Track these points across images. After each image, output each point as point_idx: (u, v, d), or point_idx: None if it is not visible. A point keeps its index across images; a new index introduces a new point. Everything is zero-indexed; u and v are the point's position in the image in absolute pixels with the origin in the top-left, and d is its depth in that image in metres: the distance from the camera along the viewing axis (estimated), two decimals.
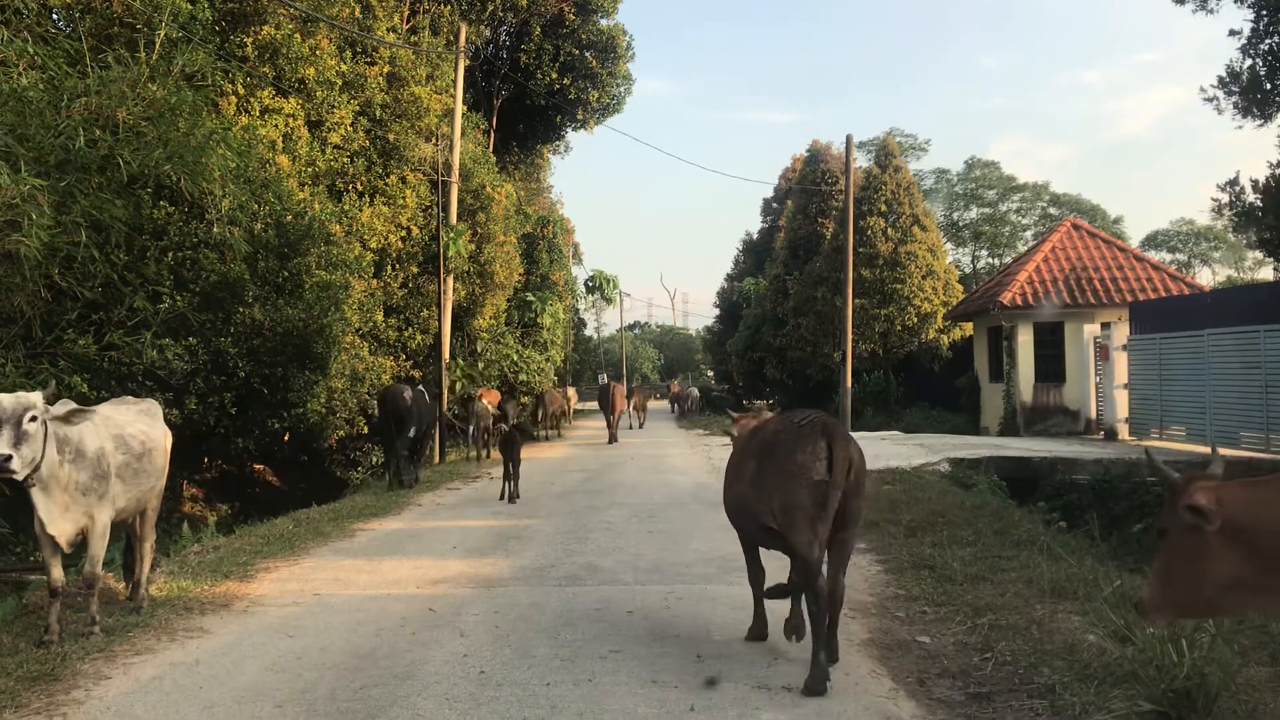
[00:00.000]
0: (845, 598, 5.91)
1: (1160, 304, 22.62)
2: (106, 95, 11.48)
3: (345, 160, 20.42)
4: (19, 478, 6.06)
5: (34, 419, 6.07)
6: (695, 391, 49.05)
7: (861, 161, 40.89)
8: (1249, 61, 19.22)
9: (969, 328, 31.61)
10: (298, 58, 18.71)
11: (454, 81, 23.89)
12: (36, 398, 6.19)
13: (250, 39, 18.26)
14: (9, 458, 5.90)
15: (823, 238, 38.42)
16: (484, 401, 22.04)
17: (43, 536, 6.49)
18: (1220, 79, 19.67)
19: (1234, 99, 19.50)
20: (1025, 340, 25.25)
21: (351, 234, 19.09)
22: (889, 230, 34.23)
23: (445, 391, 22.64)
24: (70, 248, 10.61)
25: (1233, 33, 19.41)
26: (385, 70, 21.90)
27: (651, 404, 47.12)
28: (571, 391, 37.24)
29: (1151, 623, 4.16)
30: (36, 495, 6.31)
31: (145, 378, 12.56)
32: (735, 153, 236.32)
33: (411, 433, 15.67)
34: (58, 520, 6.43)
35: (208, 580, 8.48)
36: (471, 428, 22.25)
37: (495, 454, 19.92)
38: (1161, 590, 3.89)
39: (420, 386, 17.96)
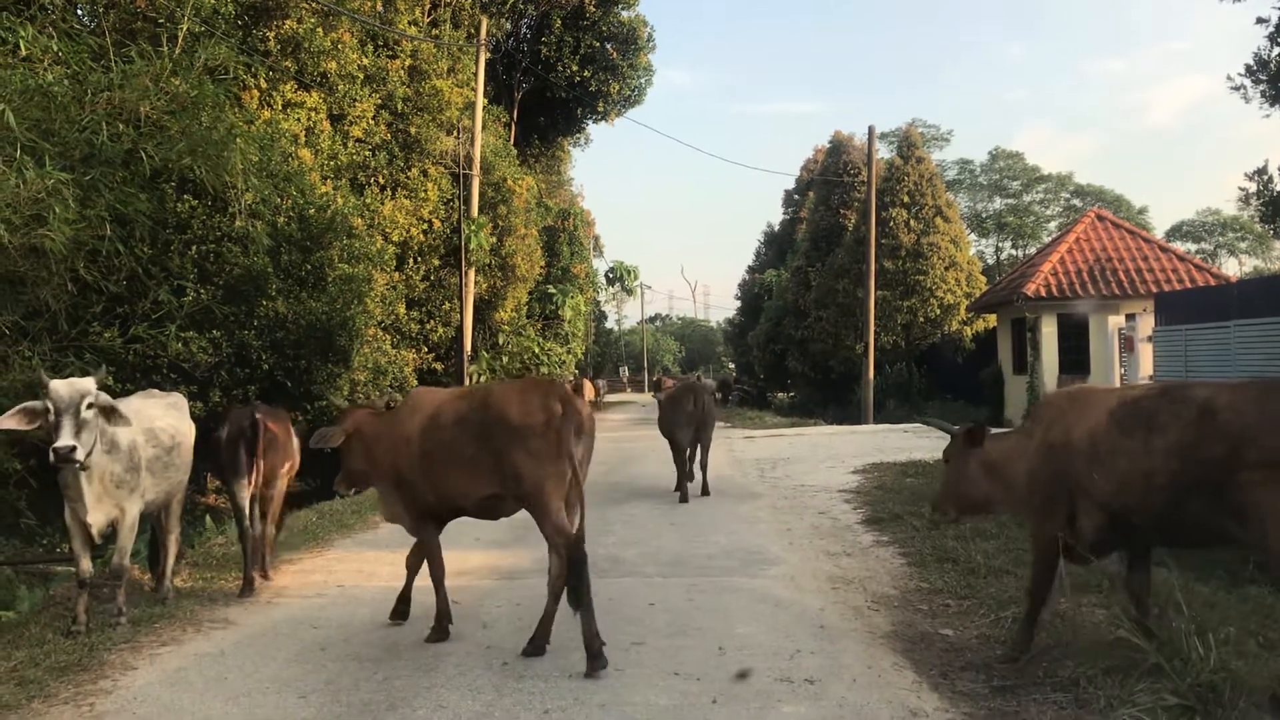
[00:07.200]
0: (868, 589, 7.61)
1: (1186, 295, 22.33)
2: (129, 90, 11.50)
3: (367, 154, 20.50)
4: (81, 466, 6.17)
5: (90, 406, 6.14)
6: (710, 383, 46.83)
7: (884, 153, 40.67)
8: (1277, 49, 18.98)
9: (992, 319, 31.41)
10: (320, 52, 18.78)
11: (475, 74, 23.94)
12: (90, 384, 6.24)
13: (272, 33, 18.34)
14: (73, 449, 5.96)
15: (845, 229, 38.22)
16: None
17: (74, 527, 6.53)
18: (1248, 67, 19.41)
19: (1261, 87, 19.23)
20: (1049, 332, 25.08)
21: (373, 227, 19.14)
22: (911, 221, 33.99)
23: (468, 382, 22.75)
24: (95, 241, 10.67)
25: (1260, 20, 19.14)
26: (407, 64, 21.96)
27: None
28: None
29: None
30: (75, 483, 6.36)
31: (169, 370, 12.64)
32: (756, 144, 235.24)
33: None
34: (93, 510, 6.48)
35: (232, 572, 8.54)
36: None
37: None
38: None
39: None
